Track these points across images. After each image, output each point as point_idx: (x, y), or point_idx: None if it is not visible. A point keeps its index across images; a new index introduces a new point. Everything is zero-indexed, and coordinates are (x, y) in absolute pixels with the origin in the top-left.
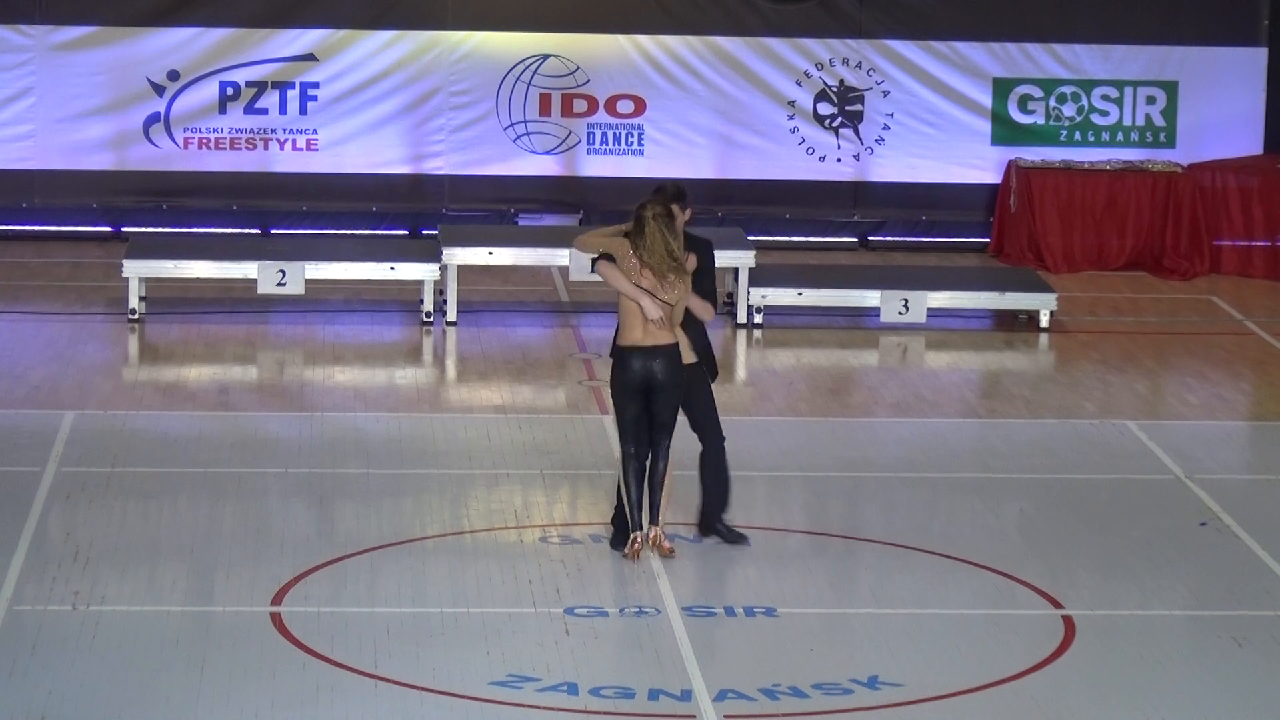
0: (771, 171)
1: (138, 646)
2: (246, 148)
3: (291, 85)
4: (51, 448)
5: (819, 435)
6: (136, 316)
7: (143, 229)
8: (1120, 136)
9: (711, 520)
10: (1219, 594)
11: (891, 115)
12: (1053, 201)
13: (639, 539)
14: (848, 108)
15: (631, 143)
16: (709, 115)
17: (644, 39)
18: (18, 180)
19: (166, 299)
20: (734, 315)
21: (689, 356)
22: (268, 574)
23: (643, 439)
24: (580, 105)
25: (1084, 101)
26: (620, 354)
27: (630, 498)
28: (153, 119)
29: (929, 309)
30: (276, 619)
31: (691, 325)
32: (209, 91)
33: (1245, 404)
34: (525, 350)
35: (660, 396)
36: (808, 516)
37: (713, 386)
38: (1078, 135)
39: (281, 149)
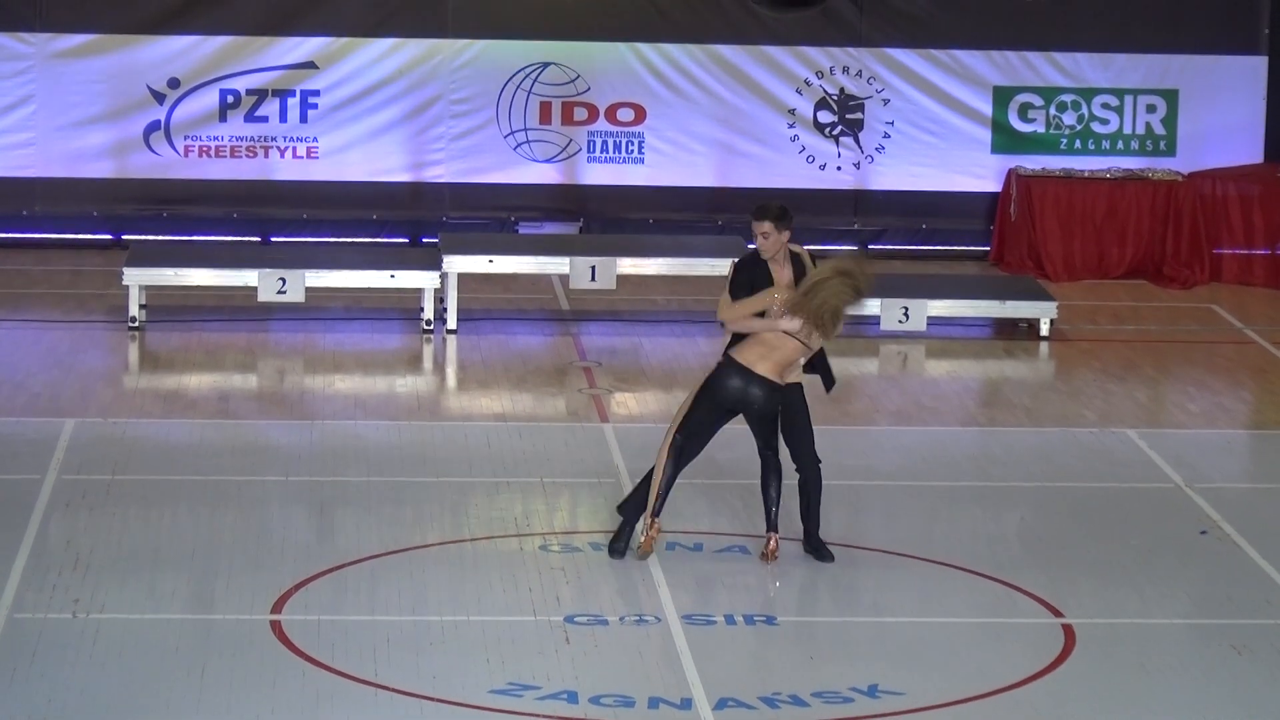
0: (772, 180)
1: (138, 654)
2: (247, 155)
3: (292, 93)
4: (52, 455)
5: (819, 443)
6: (137, 324)
7: (143, 237)
8: (1120, 145)
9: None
10: (1219, 603)
11: (892, 123)
12: (1053, 210)
13: (657, 526)
14: (848, 116)
15: (632, 151)
16: (709, 123)
17: (644, 47)
18: (18, 188)
19: (167, 307)
20: None
21: (796, 375)
22: (268, 582)
23: (701, 439)
24: (581, 113)
25: (1084, 110)
26: (728, 364)
27: (663, 485)
28: (153, 127)
29: (929, 317)
30: (276, 627)
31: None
32: (209, 99)
33: (1246, 413)
34: (525, 358)
35: (750, 419)
36: None
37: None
38: (1078, 144)
39: (282, 157)
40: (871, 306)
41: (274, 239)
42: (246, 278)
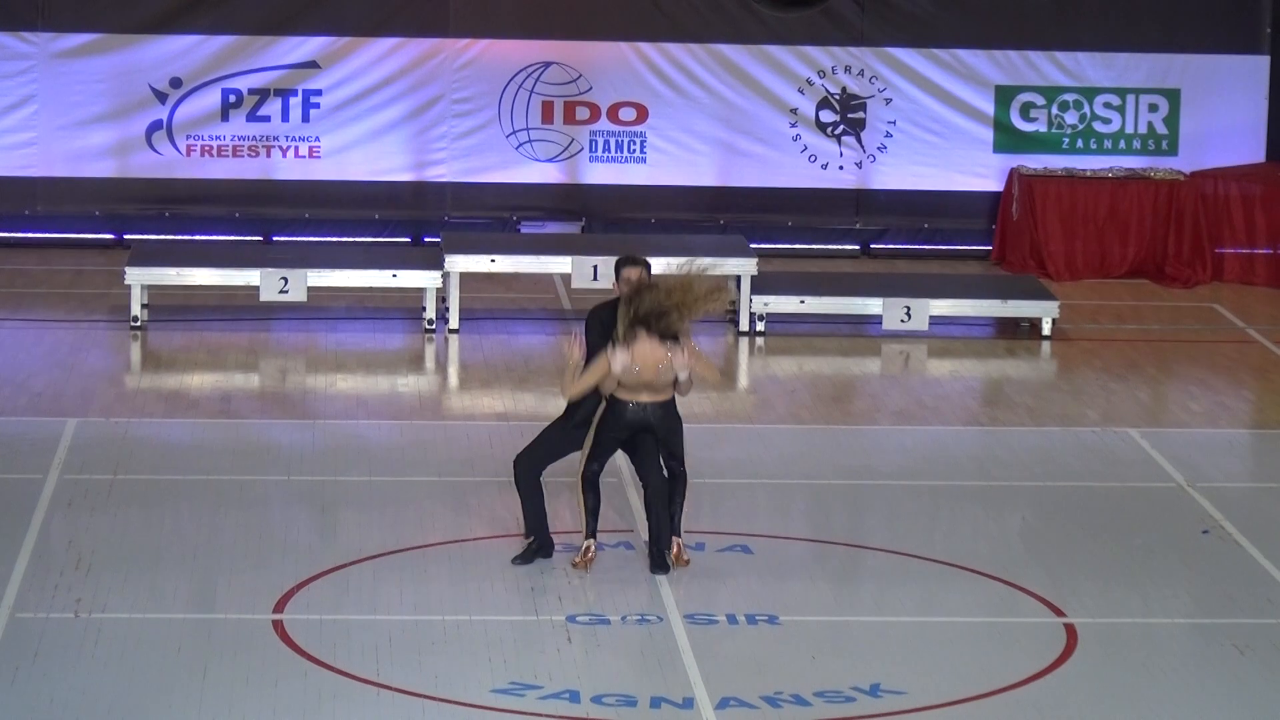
0: (774, 179)
1: (140, 654)
2: (249, 155)
3: (294, 92)
4: (54, 455)
5: (821, 443)
6: (139, 324)
7: (145, 236)
8: (1123, 144)
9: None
10: (1221, 602)
11: (894, 123)
12: (1055, 209)
13: (592, 547)
14: (850, 115)
15: (634, 150)
16: (711, 123)
17: (646, 46)
18: (20, 187)
19: (169, 306)
20: (736, 323)
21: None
22: (270, 582)
23: (605, 462)
24: (583, 112)
25: (1086, 109)
26: (614, 401)
27: (588, 505)
28: (155, 126)
29: (931, 317)
30: (279, 626)
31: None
32: (211, 99)
33: (1247, 412)
34: (527, 358)
35: (657, 437)
36: (810, 524)
37: (717, 394)
38: (1080, 143)
39: (284, 156)
40: (874, 306)
41: (276, 238)
42: (249, 277)
